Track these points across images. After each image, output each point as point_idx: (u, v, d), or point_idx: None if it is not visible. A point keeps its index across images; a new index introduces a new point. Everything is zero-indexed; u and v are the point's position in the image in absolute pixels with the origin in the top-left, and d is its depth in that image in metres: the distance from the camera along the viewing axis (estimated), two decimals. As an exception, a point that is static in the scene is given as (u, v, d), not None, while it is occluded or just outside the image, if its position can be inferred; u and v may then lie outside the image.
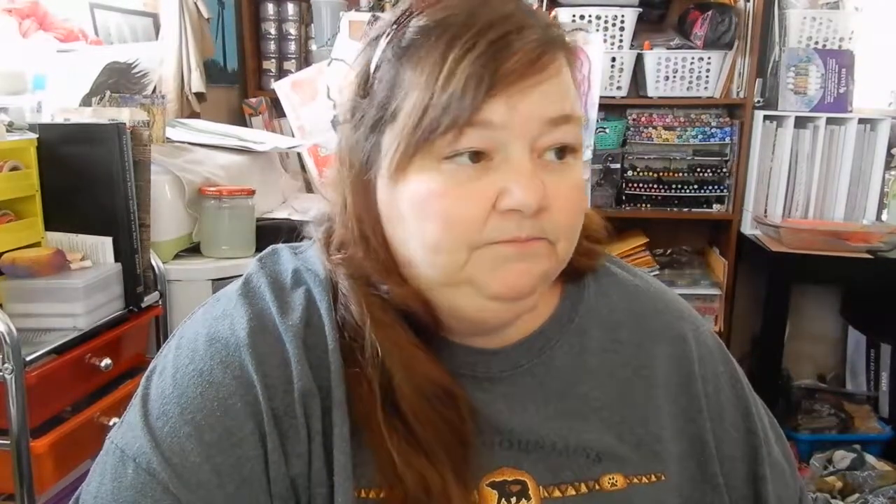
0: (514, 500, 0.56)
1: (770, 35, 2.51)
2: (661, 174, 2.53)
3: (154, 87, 1.66)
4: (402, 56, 0.53)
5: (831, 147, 2.43)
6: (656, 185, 2.52)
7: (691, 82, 2.46)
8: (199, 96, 2.11)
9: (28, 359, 1.02)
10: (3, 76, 1.44)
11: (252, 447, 0.52)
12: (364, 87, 0.55)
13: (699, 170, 2.52)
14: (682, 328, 0.66)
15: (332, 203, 0.60)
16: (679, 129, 2.52)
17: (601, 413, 0.60)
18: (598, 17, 2.40)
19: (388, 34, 0.54)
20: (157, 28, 2.09)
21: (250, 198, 1.51)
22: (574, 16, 2.39)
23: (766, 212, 2.49)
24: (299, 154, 2.07)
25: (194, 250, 1.50)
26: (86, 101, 1.43)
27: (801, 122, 2.43)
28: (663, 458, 0.60)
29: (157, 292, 1.35)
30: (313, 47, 2.57)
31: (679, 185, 2.52)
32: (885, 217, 2.47)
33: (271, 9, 2.62)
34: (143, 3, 2.08)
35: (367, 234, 0.57)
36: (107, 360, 1.17)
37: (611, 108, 2.56)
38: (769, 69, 2.52)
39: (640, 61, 2.48)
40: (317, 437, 0.53)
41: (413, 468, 0.52)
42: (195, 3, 2.09)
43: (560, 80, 0.53)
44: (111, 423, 1.15)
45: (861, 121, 2.39)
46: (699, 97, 2.49)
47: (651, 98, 2.51)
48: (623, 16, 2.40)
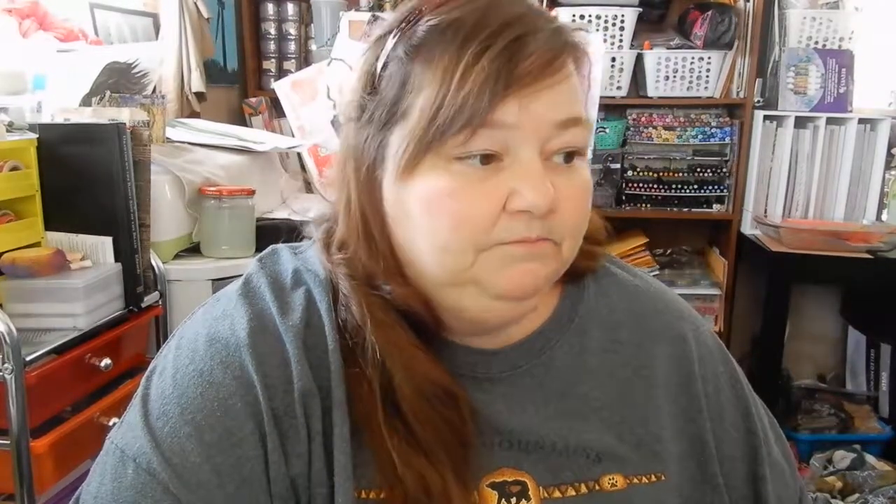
0: (513, 500, 0.56)
1: (770, 35, 2.51)
2: (661, 174, 2.53)
3: (154, 87, 1.66)
4: (413, 54, 0.52)
5: (831, 147, 2.43)
6: (656, 185, 2.52)
7: (691, 82, 2.46)
8: (199, 96, 2.11)
9: (28, 359, 1.02)
10: (3, 76, 1.44)
11: (252, 447, 0.52)
12: (371, 85, 0.55)
13: (699, 170, 2.52)
14: (682, 328, 0.66)
15: (334, 202, 0.60)
16: (679, 129, 2.52)
17: (601, 413, 0.60)
18: (598, 17, 2.40)
19: (395, 33, 0.54)
20: (157, 28, 2.09)
21: (250, 198, 1.51)
22: (574, 16, 2.39)
23: (766, 212, 2.49)
24: (299, 154, 2.06)
25: (194, 250, 1.50)
26: (86, 101, 1.43)
27: (801, 122, 2.42)
28: (663, 458, 0.60)
29: (157, 292, 1.35)
30: (313, 47, 2.57)
31: (679, 185, 2.52)
32: (885, 217, 2.46)
33: (271, 9, 2.62)
34: (143, 3, 2.08)
35: (372, 233, 0.56)
36: (107, 360, 1.17)
37: (611, 108, 2.56)
38: (769, 69, 2.52)
39: (640, 61, 2.48)
40: (317, 437, 0.53)
41: (413, 468, 0.52)
42: (195, 3, 2.09)
43: (570, 83, 0.53)
44: (111, 424, 1.15)
45: (861, 121, 2.39)
46: (699, 97, 2.48)
47: (651, 98, 2.51)
48: (623, 16, 2.40)
